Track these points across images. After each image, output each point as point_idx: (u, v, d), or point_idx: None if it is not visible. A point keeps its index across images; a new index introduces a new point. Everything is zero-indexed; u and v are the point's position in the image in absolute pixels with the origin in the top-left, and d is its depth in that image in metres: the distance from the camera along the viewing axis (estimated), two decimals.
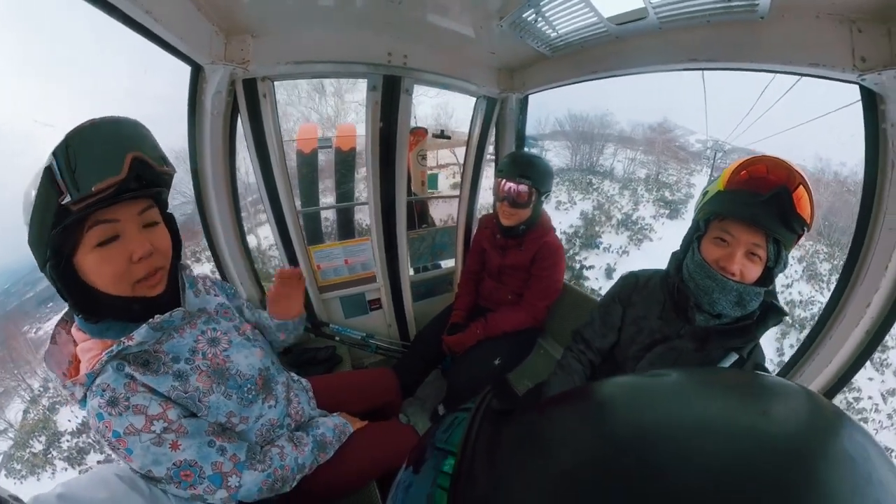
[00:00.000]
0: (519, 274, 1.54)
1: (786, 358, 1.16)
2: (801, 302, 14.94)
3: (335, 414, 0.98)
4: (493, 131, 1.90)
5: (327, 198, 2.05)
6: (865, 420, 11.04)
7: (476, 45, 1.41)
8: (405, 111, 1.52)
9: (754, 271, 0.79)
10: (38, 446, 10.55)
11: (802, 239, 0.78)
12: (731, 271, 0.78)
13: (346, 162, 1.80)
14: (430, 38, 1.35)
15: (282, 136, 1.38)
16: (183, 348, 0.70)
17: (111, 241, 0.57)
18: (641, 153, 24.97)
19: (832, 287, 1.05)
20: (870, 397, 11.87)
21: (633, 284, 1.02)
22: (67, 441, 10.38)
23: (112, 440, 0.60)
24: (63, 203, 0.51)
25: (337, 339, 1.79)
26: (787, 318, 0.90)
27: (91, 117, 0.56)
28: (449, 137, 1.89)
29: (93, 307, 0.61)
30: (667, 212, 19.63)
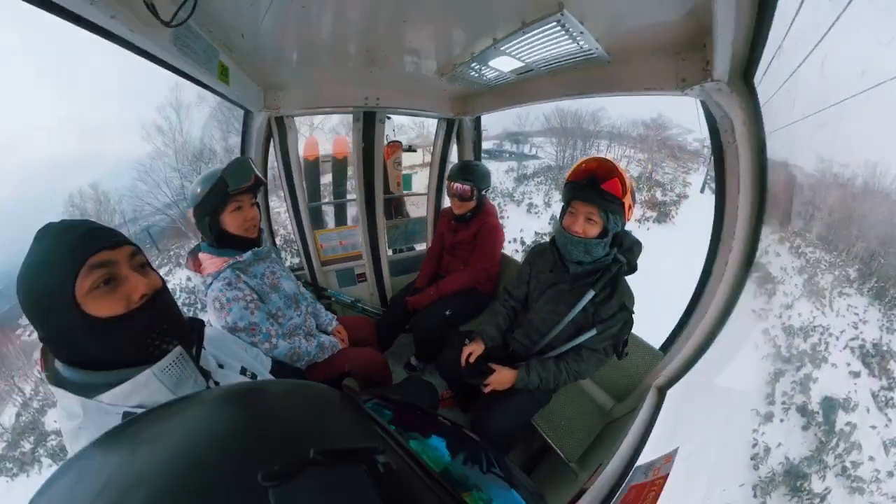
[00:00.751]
0: (466, 248, 2.16)
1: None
2: (800, 329, 10.67)
3: (330, 336, 1.61)
4: (454, 143, 2.57)
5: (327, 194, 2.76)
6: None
7: (432, 83, 1.99)
8: (380, 134, 2.22)
9: (593, 230, 1.15)
10: (27, 446, 11.02)
11: (631, 211, 1.14)
12: (575, 230, 1.16)
13: (340, 168, 2.51)
14: (397, 83, 1.98)
15: (299, 153, 2.10)
16: (259, 271, 1.38)
17: (238, 210, 1.27)
18: (634, 150, 24.77)
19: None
20: (871, 458, 7.95)
21: (537, 251, 1.47)
22: (52, 440, 10.86)
23: (224, 302, 1.22)
24: (228, 190, 1.23)
25: (333, 300, 2.49)
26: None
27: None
28: (415, 150, 2.62)
29: (222, 240, 1.29)
30: (654, 214, 18.01)
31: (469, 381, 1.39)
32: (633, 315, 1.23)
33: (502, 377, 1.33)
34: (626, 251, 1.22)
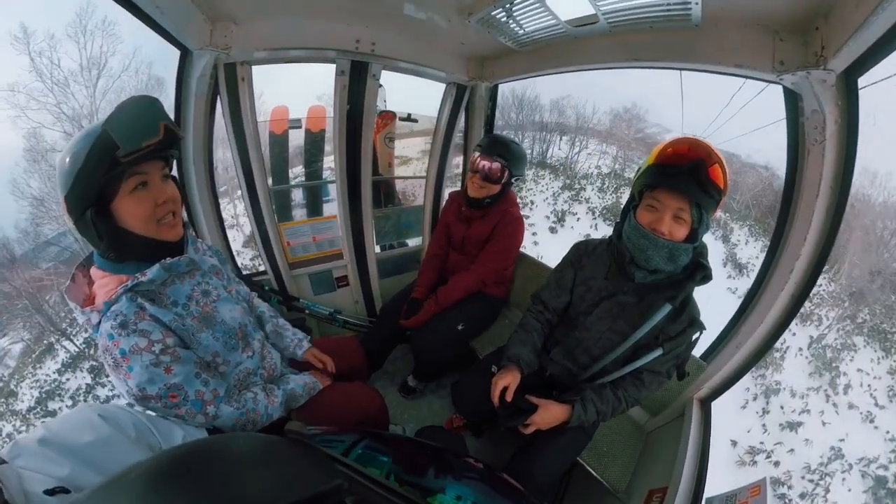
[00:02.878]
0: (481, 244, 1.85)
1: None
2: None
3: (305, 372, 1.22)
4: (462, 117, 2.24)
5: (296, 175, 2.32)
6: None
7: (446, 35, 1.70)
8: (371, 95, 1.85)
9: (681, 231, 1.00)
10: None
11: (720, 208, 1.02)
12: (661, 231, 0.99)
13: (315, 142, 2.09)
14: (400, 26, 1.64)
15: (257, 117, 1.66)
16: (181, 294, 0.94)
17: (141, 188, 0.83)
18: (605, 144, 25.49)
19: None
20: None
21: (583, 250, 1.26)
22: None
23: (118, 357, 0.80)
24: (117, 154, 0.77)
25: (307, 312, 2.10)
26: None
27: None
28: (416, 121, 2.25)
29: (120, 247, 0.86)
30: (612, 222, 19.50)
31: (506, 425, 1.19)
32: (704, 330, 1.13)
33: (550, 416, 1.15)
34: (700, 255, 1.09)
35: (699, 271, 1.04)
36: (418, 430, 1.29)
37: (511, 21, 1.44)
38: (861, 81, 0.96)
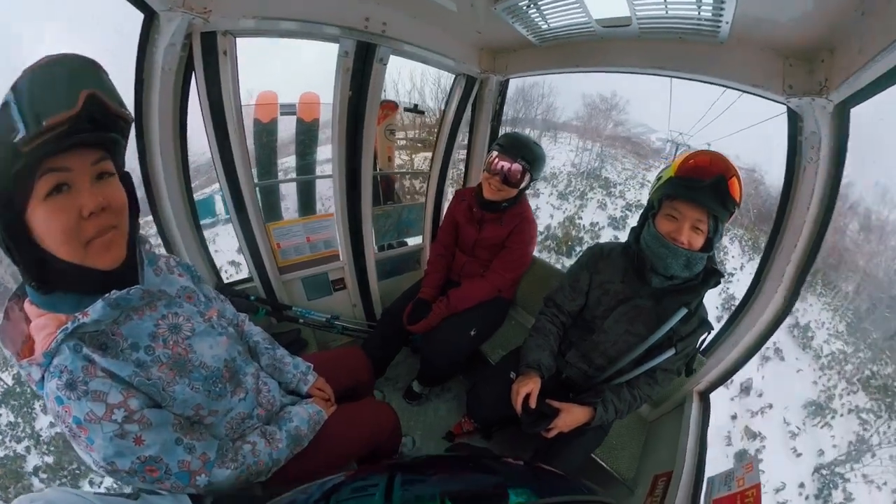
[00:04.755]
0: (494, 249, 1.70)
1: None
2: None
3: (307, 401, 1.02)
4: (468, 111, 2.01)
5: (287, 170, 2.00)
6: None
7: (462, 22, 1.49)
8: (377, 81, 1.57)
9: (699, 241, 1.02)
10: None
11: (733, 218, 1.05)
12: (680, 241, 1.01)
13: (308, 132, 1.77)
14: (414, 7, 1.40)
15: (241, 100, 1.34)
16: (142, 333, 0.69)
17: (60, 192, 0.55)
18: (578, 138, 24.76)
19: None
20: None
21: (599, 254, 1.26)
22: None
23: (73, 427, 0.60)
24: (14, 141, 0.50)
25: (301, 321, 1.85)
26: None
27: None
28: (422, 112, 1.98)
29: (43, 273, 0.61)
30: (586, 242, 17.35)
31: (530, 431, 1.16)
32: (713, 330, 1.18)
33: (572, 419, 1.15)
34: (712, 261, 1.12)
35: (713, 277, 1.08)
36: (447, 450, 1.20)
37: (536, 13, 1.30)
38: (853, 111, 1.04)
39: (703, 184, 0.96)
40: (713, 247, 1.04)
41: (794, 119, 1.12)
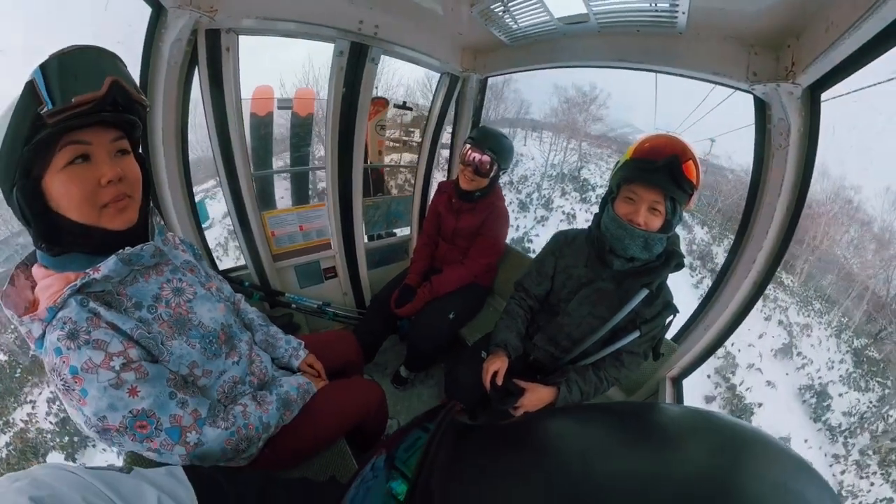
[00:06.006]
0: (471, 237, 1.82)
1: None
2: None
3: (297, 374, 1.05)
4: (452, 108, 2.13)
5: (281, 161, 2.05)
6: None
7: (446, 24, 1.59)
8: (369, 79, 1.66)
9: (656, 222, 1.02)
10: None
11: (693, 200, 1.05)
12: (637, 222, 1.02)
13: (303, 126, 1.84)
14: (403, 11, 1.49)
15: (241, 94, 1.40)
16: (146, 294, 0.73)
17: (80, 161, 0.61)
18: (554, 135, 22.75)
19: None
20: None
21: (564, 240, 1.28)
22: None
23: (68, 378, 0.61)
24: (41, 112, 0.56)
25: (293, 307, 1.92)
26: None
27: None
28: (411, 109, 2.08)
29: (56, 235, 0.64)
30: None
31: (499, 407, 1.19)
32: (677, 313, 1.17)
33: (537, 397, 1.16)
34: (673, 244, 1.13)
35: (673, 258, 1.09)
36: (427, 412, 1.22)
37: (507, 15, 1.40)
38: (824, 96, 1.05)
39: (656, 165, 0.97)
40: (671, 228, 1.05)
41: (762, 107, 1.12)
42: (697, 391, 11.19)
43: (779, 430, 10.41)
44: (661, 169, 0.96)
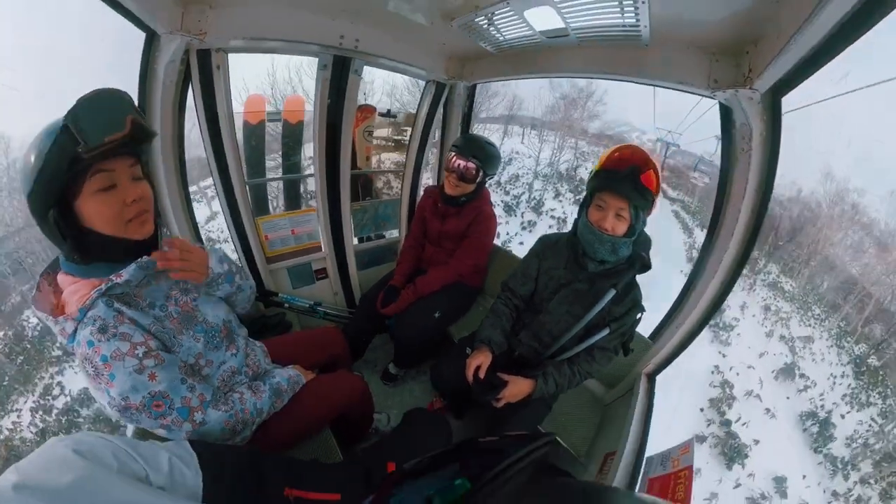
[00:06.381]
0: (456, 239, 1.89)
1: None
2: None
3: (289, 367, 1.17)
4: (440, 113, 2.21)
5: (275, 169, 2.15)
6: None
7: (428, 35, 1.66)
8: (353, 90, 1.76)
9: (622, 227, 1.13)
10: None
11: (657, 208, 1.13)
12: (605, 228, 1.12)
13: (293, 134, 1.94)
14: (384, 24, 1.56)
15: (232, 107, 1.51)
16: (159, 294, 0.88)
17: (109, 189, 0.76)
18: (547, 133, 21.76)
19: None
20: None
21: (547, 243, 1.38)
22: None
23: (99, 364, 0.74)
24: (78, 150, 0.70)
25: (286, 306, 2.03)
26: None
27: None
28: (395, 116, 2.18)
29: (86, 248, 0.78)
30: None
31: (481, 399, 1.28)
32: (644, 312, 1.25)
33: (518, 389, 1.26)
34: (642, 247, 1.22)
35: (637, 261, 1.19)
36: (405, 413, 1.31)
37: (492, 27, 1.46)
38: (785, 101, 1.07)
39: (620, 174, 1.08)
40: (635, 232, 1.15)
41: (726, 112, 1.16)
42: (688, 428, 10.26)
43: (775, 468, 9.69)
44: (624, 178, 1.06)
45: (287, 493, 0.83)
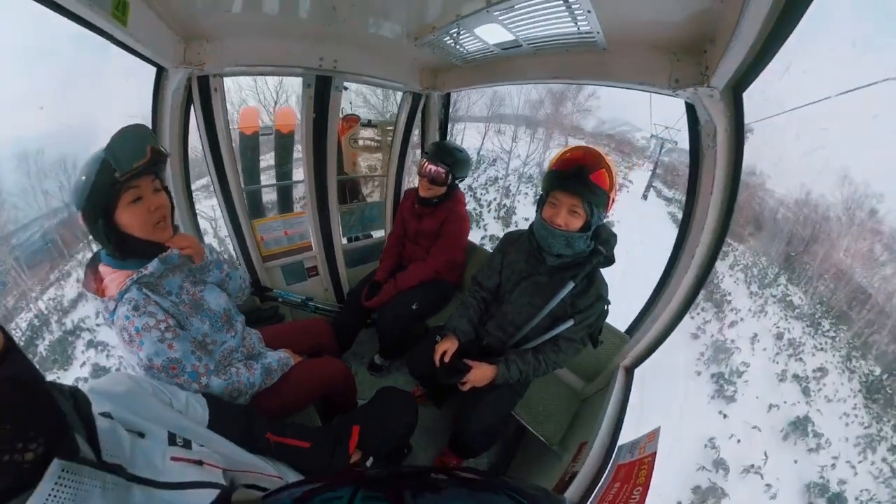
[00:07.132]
0: (432, 237, 2.09)
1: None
2: None
3: (279, 350, 1.37)
4: (419, 120, 2.42)
5: (267, 171, 2.39)
6: None
7: (400, 53, 1.87)
8: (335, 105, 1.99)
9: (576, 223, 1.16)
10: None
11: (614, 204, 1.17)
12: (557, 223, 1.17)
13: (285, 145, 2.18)
14: (359, 45, 1.78)
15: (229, 123, 1.75)
16: (174, 285, 1.11)
17: (137, 202, 1.00)
18: (533, 131, 20.92)
19: None
20: None
21: (510, 239, 1.46)
22: None
23: (133, 333, 0.98)
24: (116, 175, 0.94)
25: (280, 300, 2.25)
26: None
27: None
28: (375, 126, 2.42)
29: (123, 248, 1.03)
30: None
31: (446, 382, 1.38)
32: (609, 305, 1.31)
33: (481, 374, 1.34)
34: (604, 243, 1.27)
35: (596, 255, 1.24)
36: (378, 389, 1.39)
37: (453, 43, 1.60)
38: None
39: (567, 174, 1.14)
40: (591, 227, 1.19)
41: (692, 110, 1.18)
42: None
43: None
44: (571, 177, 1.13)
45: (268, 437, 1.06)
